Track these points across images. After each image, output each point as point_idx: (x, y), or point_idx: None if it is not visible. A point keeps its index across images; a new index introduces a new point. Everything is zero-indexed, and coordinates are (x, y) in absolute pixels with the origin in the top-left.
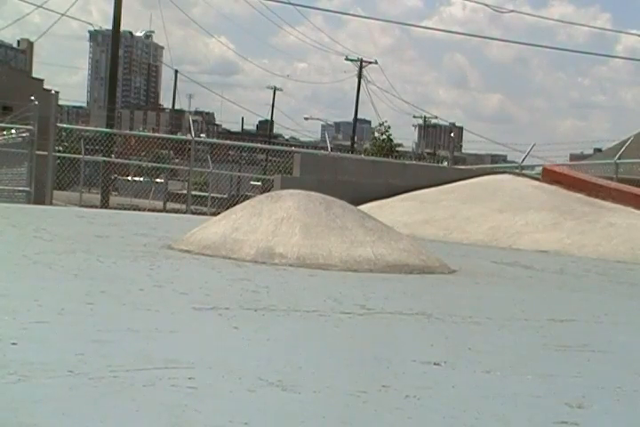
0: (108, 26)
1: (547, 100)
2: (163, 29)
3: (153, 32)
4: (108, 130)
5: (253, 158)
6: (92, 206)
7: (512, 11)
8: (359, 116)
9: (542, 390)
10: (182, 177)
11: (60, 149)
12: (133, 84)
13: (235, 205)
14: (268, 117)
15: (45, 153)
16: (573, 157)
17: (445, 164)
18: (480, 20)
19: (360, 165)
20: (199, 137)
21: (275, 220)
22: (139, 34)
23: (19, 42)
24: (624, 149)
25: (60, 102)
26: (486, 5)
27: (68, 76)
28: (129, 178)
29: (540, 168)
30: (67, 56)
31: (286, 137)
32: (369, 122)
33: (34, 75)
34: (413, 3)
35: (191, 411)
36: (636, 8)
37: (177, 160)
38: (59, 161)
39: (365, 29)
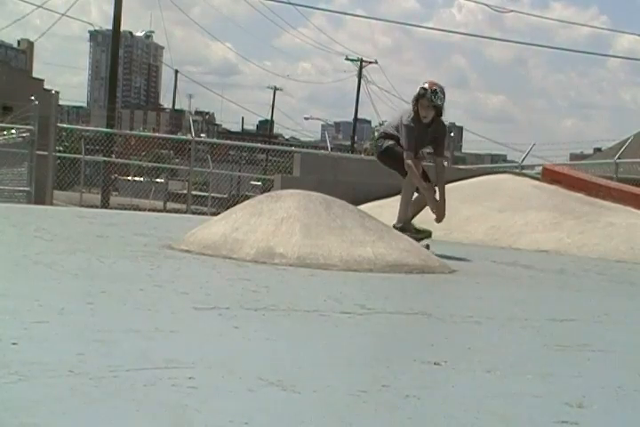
0: (109, 26)
1: (547, 100)
2: (163, 30)
3: (153, 32)
4: (108, 130)
5: (253, 158)
6: (92, 206)
7: (512, 11)
8: (359, 116)
9: (542, 390)
10: (182, 177)
11: (61, 148)
12: (133, 84)
13: (235, 204)
14: (268, 117)
15: (45, 153)
16: (573, 157)
17: (445, 164)
18: (480, 20)
19: (360, 165)
20: (199, 137)
21: (275, 220)
22: (139, 34)
23: (19, 42)
24: (624, 148)
25: (61, 102)
26: (486, 5)
27: (68, 77)
28: (129, 178)
29: (540, 168)
30: (67, 56)
31: (286, 137)
32: (369, 122)
33: (35, 75)
34: (413, 4)
35: (191, 411)
36: (634, 10)
37: (177, 160)
38: (59, 161)
39: (366, 30)
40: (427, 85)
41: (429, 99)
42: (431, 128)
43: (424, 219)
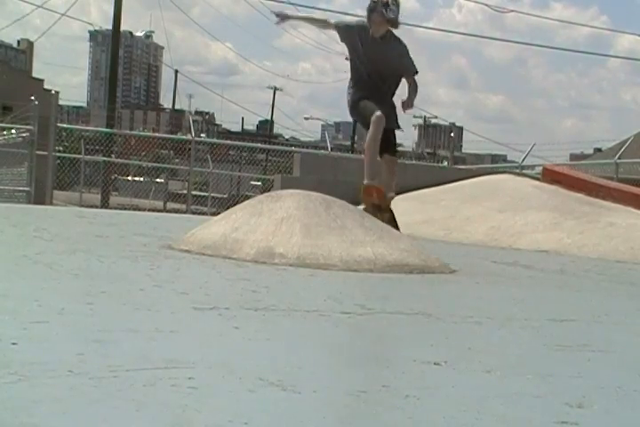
0: (108, 26)
1: (547, 100)
2: (163, 30)
3: (153, 32)
4: (108, 130)
5: (253, 158)
6: (92, 206)
7: (512, 11)
8: None
9: (542, 390)
10: (182, 177)
11: (60, 149)
12: (133, 84)
13: (235, 204)
14: (268, 117)
15: (45, 153)
16: (573, 157)
17: (445, 164)
18: (480, 20)
19: (360, 165)
20: (199, 137)
21: (275, 220)
22: (139, 34)
23: (19, 42)
24: (624, 148)
25: (61, 102)
26: (486, 5)
27: (68, 77)
28: (129, 178)
29: (540, 168)
30: (67, 56)
31: (286, 137)
32: None
33: (35, 75)
34: (413, 4)
35: (191, 411)
36: (634, 10)
37: (177, 160)
38: (59, 161)
39: None
40: None
41: (381, 13)
42: (386, 44)
43: (425, 218)
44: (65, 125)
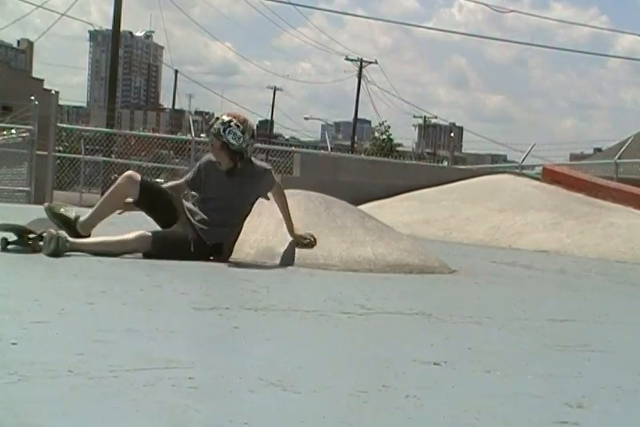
0: (108, 26)
1: (547, 101)
2: (163, 30)
3: (153, 32)
4: (108, 130)
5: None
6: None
7: (512, 11)
8: (359, 116)
9: (542, 390)
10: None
11: (60, 149)
12: (133, 84)
13: None
14: (268, 117)
15: (45, 153)
16: (573, 157)
17: (445, 164)
18: (480, 20)
19: (360, 165)
20: (199, 137)
21: (275, 220)
22: (139, 34)
23: (19, 42)
24: (624, 148)
25: (60, 102)
26: (486, 5)
27: (68, 77)
28: None
29: (540, 168)
30: (67, 56)
31: (286, 137)
32: (369, 122)
33: (35, 75)
34: (413, 4)
35: (191, 411)
36: (634, 10)
37: (177, 160)
38: (59, 161)
39: (366, 30)
40: (225, 117)
41: (217, 133)
42: (232, 176)
43: (425, 218)
44: (65, 125)
